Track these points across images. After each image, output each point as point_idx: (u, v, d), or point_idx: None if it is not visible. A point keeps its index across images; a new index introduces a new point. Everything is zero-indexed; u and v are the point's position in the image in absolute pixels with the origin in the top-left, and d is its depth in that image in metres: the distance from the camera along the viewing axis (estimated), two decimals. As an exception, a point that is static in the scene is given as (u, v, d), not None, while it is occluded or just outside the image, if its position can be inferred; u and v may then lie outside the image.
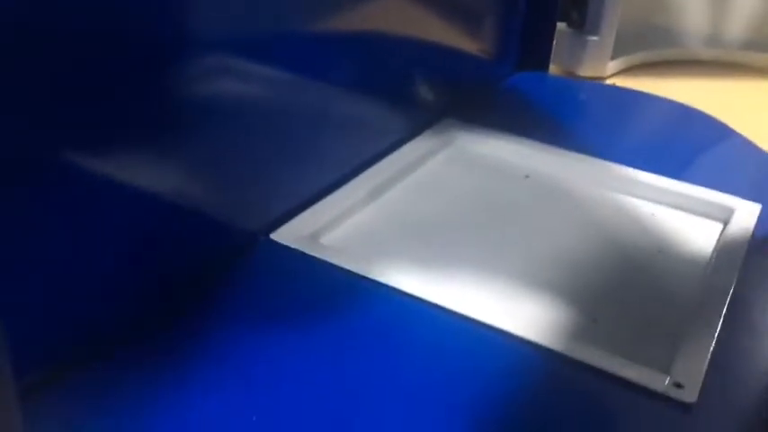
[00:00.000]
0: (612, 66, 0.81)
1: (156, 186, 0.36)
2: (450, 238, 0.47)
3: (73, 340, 0.34)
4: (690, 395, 0.34)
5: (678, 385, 0.34)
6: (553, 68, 0.79)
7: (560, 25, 0.79)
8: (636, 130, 0.65)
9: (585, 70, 0.80)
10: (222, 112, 0.39)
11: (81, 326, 0.34)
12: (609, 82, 0.81)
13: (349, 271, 0.41)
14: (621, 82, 0.81)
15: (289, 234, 0.44)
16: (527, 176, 0.56)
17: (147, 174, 0.36)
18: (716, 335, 0.38)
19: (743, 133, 0.63)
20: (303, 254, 0.42)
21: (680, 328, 0.39)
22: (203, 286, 0.40)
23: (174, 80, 0.36)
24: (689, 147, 0.62)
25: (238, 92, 0.40)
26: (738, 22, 0.88)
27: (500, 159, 0.58)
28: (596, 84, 0.77)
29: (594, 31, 0.78)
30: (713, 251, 0.47)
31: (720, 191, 0.53)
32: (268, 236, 0.43)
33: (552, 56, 0.77)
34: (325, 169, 0.49)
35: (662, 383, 0.34)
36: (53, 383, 0.32)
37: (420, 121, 0.60)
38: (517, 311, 0.40)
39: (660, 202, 0.53)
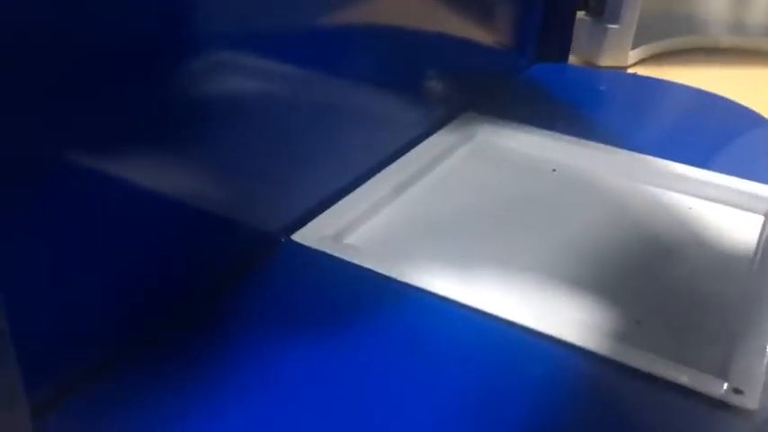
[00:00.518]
0: (633, 55, 0.79)
1: (171, 189, 0.34)
2: (477, 236, 0.45)
3: (90, 349, 0.32)
4: (751, 401, 0.31)
5: (737, 391, 0.32)
6: (572, 59, 0.77)
7: (579, 14, 0.76)
8: (663, 120, 0.62)
9: (606, 60, 0.77)
10: (237, 110, 0.37)
11: (99, 334, 0.32)
12: (630, 71, 0.78)
13: (374, 272, 0.39)
14: (643, 71, 0.78)
15: (311, 235, 0.41)
16: (554, 170, 0.54)
17: (162, 176, 0.33)
18: (771, 335, 0.36)
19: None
20: (327, 255, 0.40)
21: (730, 328, 0.37)
22: (224, 291, 0.38)
23: (184, 77, 0.34)
24: (720, 136, 0.59)
25: (252, 89, 0.38)
26: (761, 8, 0.86)
27: (525, 153, 0.55)
28: (619, 73, 0.75)
29: (614, 20, 0.76)
30: (757, 245, 0.45)
31: (758, 181, 0.51)
32: (290, 237, 0.41)
33: (572, 46, 0.75)
34: (344, 167, 0.47)
35: (719, 389, 0.32)
36: (74, 392, 0.30)
37: (440, 116, 0.58)
38: (554, 312, 0.38)
39: (697, 195, 0.50)
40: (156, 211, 0.33)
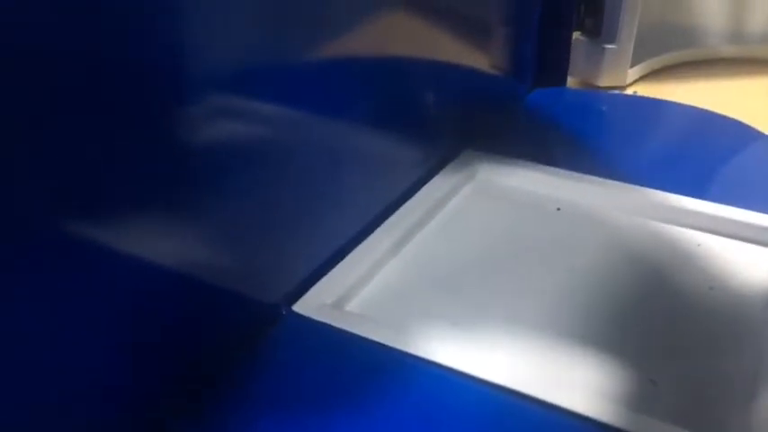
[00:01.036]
0: (633, 73, 0.77)
1: (160, 259, 0.33)
2: (484, 290, 0.44)
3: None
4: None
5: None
6: (571, 80, 0.76)
7: (575, 34, 0.75)
8: (668, 147, 0.61)
9: (605, 80, 0.76)
10: (228, 170, 0.35)
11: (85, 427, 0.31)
12: (630, 90, 0.77)
13: (379, 343, 0.38)
14: (644, 89, 0.77)
15: (312, 303, 0.40)
16: (558, 209, 0.52)
17: (148, 245, 0.32)
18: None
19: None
20: (330, 326, 0.39)
21: (756, 386, 0.36)
22: (223, 369, 0.37)
23: (171, 139, 0.32)
24: (728, 163, 0.58)
25: (244, 145, 0.37)
26: (760, 15, 0.84)
27: (528, 191, 0.54)
28: (619, 95, 0.74)
29: (611, 39, 0.75)
30: (772, 285, 0.44)
31: (769, 212, 0.49)
32: (290, 307, 0.40)
33: (569, 67, 0.73)
34: (344, 224, 0.46)
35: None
36: None
37: (440, 155, 0.57)
38: (566, 379, 0.37)
39: (706, 230, 0.49)
40: (141, 286, 0.32)
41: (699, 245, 0.48)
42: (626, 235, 0.49)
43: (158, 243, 0.32)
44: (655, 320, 0.42)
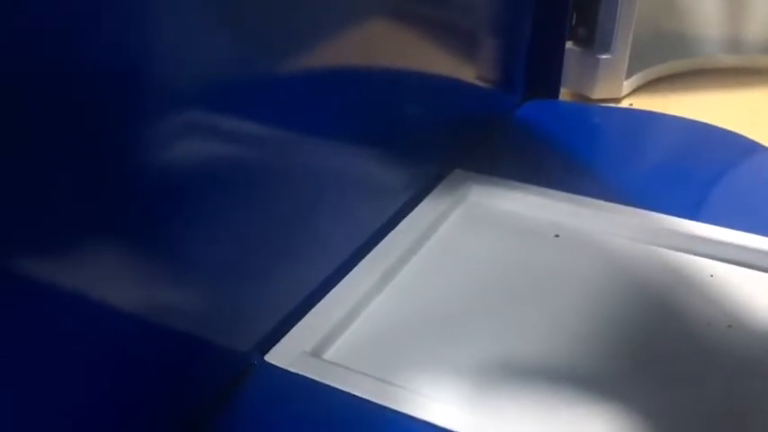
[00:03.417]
0: (628, 84, 0.74)
1: (121, 306, 0.28)
2: (478, 332, 0.40)
3: None
4: None
5: None
6: (564, 91, 0.72)
7: (567, 44, 0.71)
8: (669, 164, 0.57)
9: (599, 92, 0.72)
10: (197, 202, 0.31)
11: None
12: (626, 102, 0.73)
13: (362, 398, 0.33)
14: (639, 101, 0.73)
15: (287, 352, 0.36)
16: (557, 235, 0.48)
17: (109, 292, 0.28)
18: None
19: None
20: (306, 379, 0.34)
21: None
22: (191, 428, 0.32)
23: (130, 166, 0.28)
24: (733, 181, 0.54)
25: (214, 173, 0.32)
26: (758, 23, 0.81)
27: (523, 216, 0.50)
28: (615, 109, 0.70)
29: (606, 50, 0.71)
30: (794, 322, 0.40)
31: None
32: (263, 357, 0.36)
33: (563, 78, 0.70)
34: (324, 259, 0.41)
35: None
36: None
37: (428, 177, 0.53)
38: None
39: (718, 258, 0.45)
40: (101, 338, 0.28)
41: (711, 275, 0.44)
42: (632, 265, 0.45)
43: (118, 288, 0.28)
44: (668, 363, 0.37)
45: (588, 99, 0.73)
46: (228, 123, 0.32)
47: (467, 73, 0.58)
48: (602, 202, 0.50)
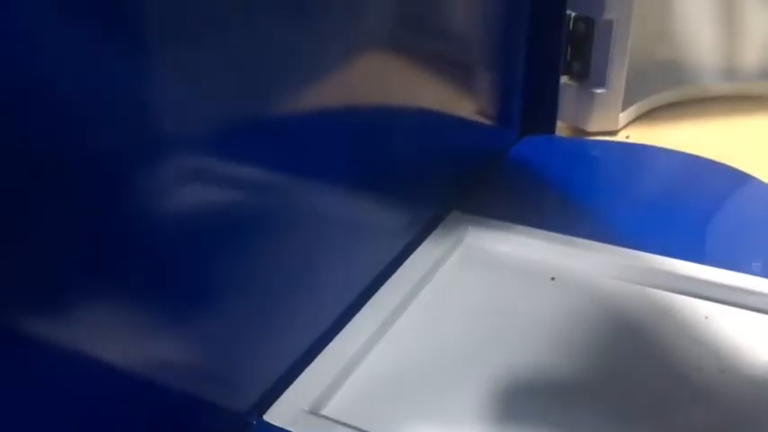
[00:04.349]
0: (624, 116, 0.74)
1: (114, 362, 0.29)
2: (477, 378, 0.40)
3: None
4: None
5: None
6: (560, 125, 0.72)
7: (563, 78, 0.72)
8: (665, 201, 0.57)
9: (595, 125, 0.73)
10: (187, 250, 0.31)
11: None
12: (622, 134, 0.74)
13: (363, 457, 0.34)
14: (636, 133, 0.74)
15: (286, 411, 0.36)
16: (553, 278, 0.49)
17: (100, 347, 0.28)
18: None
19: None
20: (306, 438, 0.35)
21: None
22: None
23: (119, 212, 0.28)
24: (730, 219, 0.54)
25: (205, 220, 0.32)
26: (752, 51, 0.81)
27: (519, 258, 0.51)
28: (611, 144, 0.70)
29: (601, 83, 0.71)
30: (789, 366, 0.40)
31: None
32: (261, 417, 0.36)
33: (559, 112, 0.70)
34: (321, 310, 0.42)
35: None
36: None
37: (425, 220, 0.53)
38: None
39: (713, 300, 0.46)
40: (93, 394, 0.28)
41: (706, 317, 0.44)
42: (626, 307, 0.46)
43: (112, 346, 0.29)
44: (659, 408, 0.38)
45: (585, 132, 0.74)
46: (220, 174, 0.33)
47: (463, 111, 0.59)
48: (598, 244, 0.50)
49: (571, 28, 0.70)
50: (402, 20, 0.46)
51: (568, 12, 0.69)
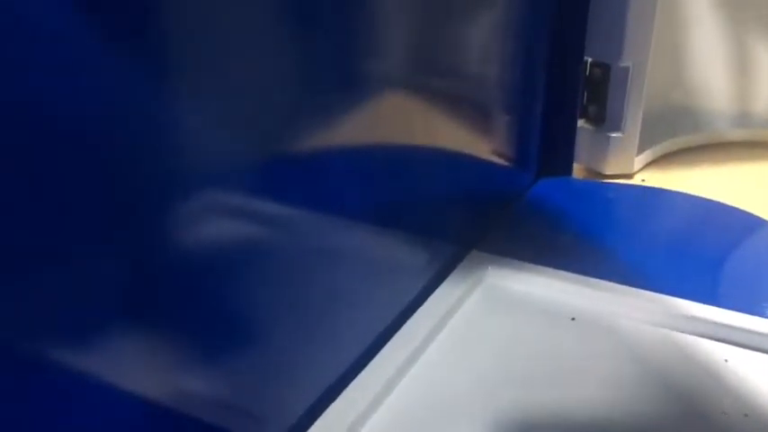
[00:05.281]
0: (640, 160, 0.75)
1: (145, 395, 0.29)
2: (497, 417, 0.40)
3: None
4: None
5: None
6: (576, 167, 0.73)
7: (579, 121, 0.73)
8: (682, 245, 0.58)
9: (611, 168, 0.74)
10: (207, 290, 0.32)
11: None
12: (638, 177, 0.75)
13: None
14: (652, 176, 0.75)
15: (311, 447, 0.37)
16: (573, 319, 0.49)
17: (130, 379, 0.29)
18: None
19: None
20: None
21: None
22: None
23: (136, 251, 0.29)
24: (746, 263, 0.55)
25: (226, 259, 0.33)
26: (765, 97, 0.83)
27: (539, 298, 0.51)
28: (627, 187, 0.71)
29: (616, 127, 0.73)
30: (811, 411, 0.40)
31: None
32: (287, 453, 0.36)
33: (575, 154, 0.71)
34: (343, 348, 0.42)
35: None
36: None
37: (445, 259, 0.54)
38: None
39: (733, 343, 0.46)
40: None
41: (726, 360, 0.45)
42: (646, 350, 0.46)
43: (138, 378, 0.29)
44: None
45: (601, 175, 0.74)
46: (246, 213, 0.33)
47: (482, 152, 0.60)
48: (617, 285, 0.51)
49: (588, 73, 0.72)
50: (423, 62, 0.47)
51: (585, 57, 0.70)
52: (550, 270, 0.53)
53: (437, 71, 0.50)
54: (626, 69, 0.70)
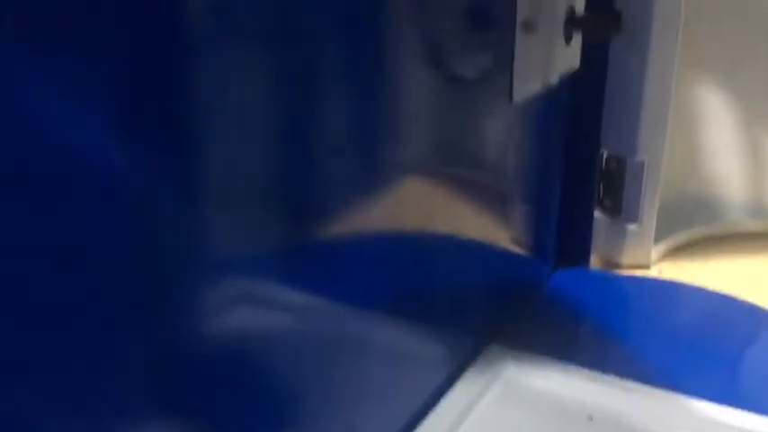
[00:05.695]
0: (656, 251, 0.76)
1: None
2: None
3: None
4: None
5: None
6: (593, 257, 0.74)
7: (596, 212, 0.75)
8: (700, 344, 0.59)
9: (628, 259, 0.75)
10: (223, 385, 0.33)
11: None
12: (655, 269, 0.75)
13: None
14: (669, 267, 0.75)
15: None
16: (591, 418, 0.49)
17: None
18: None
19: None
20: None
21: None
22: None
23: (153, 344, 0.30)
24: (763, 363, 0.55)
25: (244, 353, 0.34)
26: (780, 189, 0.84)
27: (557, 396, 0.51)
28: (645, 280, 0.72)
29: (633, 218, 0.74)
30: None
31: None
32: None
33: (592, 244, 0.72)
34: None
35: None
36: None
37: (464, 353, 0.55)
38: None
39: (752, 448, 0.46)
40: None
41: (746, 466, 0.45)
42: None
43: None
44: None
45: (618, 265, 0.75)
46: (269, 301, 0.34)
47: (500, 243, 0.61)
48: (635, 384, 0.51)
49: (603, 166, 0.73)
50: (443, 153, 0.49)
51: (601, 150, 0.72)
52: (569, 366, 0.53)
53: (457, 163, 0.51)
54: (641, 164, 0.71)
